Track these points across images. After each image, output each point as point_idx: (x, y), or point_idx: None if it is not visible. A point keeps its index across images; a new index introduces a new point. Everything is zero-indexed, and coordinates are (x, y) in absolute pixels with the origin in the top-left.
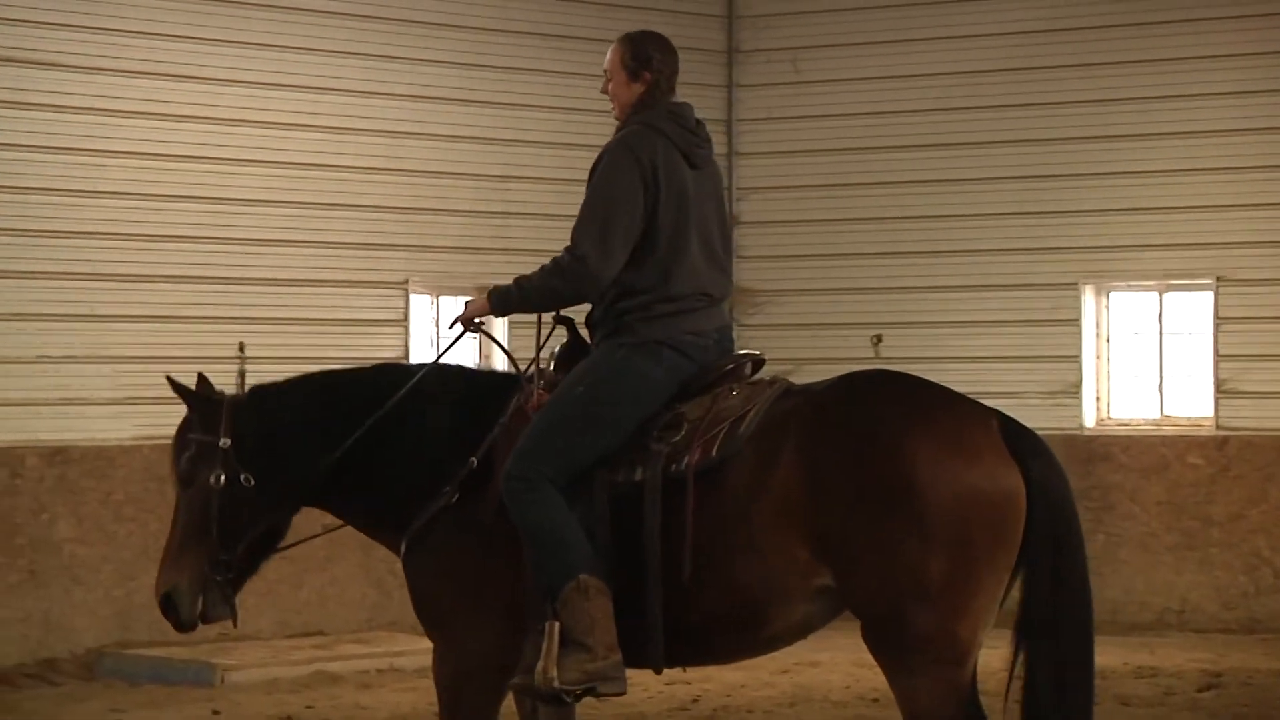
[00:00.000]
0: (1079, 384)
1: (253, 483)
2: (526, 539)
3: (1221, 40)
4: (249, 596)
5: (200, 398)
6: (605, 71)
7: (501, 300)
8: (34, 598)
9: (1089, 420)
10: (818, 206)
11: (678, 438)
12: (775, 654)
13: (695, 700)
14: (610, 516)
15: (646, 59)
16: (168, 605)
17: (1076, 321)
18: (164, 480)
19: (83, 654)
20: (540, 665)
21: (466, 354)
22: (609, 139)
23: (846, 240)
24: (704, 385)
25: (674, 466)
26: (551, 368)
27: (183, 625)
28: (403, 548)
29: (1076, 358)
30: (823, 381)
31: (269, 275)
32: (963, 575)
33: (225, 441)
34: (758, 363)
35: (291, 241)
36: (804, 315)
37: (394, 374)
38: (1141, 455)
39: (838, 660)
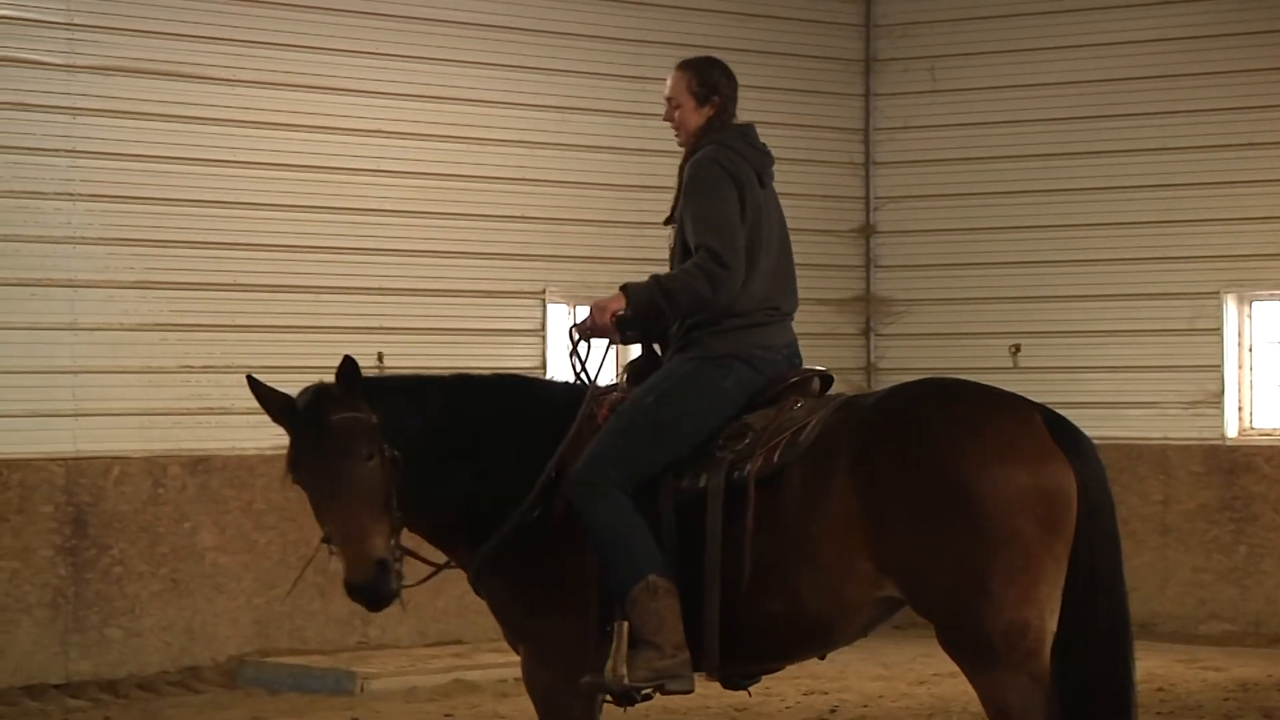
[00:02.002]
0: (1221, 393)
1: (401, 461)
2: (594, 541)
3: None
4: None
5: (347, 373)
6: (669, 99)
7: (643, 298)
8: (176, 606)
9: (1231, 430)
10: (955, 215)
11: (741, 445)
12: (913, 664)
13: (833, 710)
14: (675, 522)
15: (714, 84)
16: (381, 573)
17: (1218, 331)
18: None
19: (224, 662)
20: (610, 664)
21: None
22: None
23: (984, 249)
24: (770, 397)
25: (736, 473)
26: (625, 380)
27: (384, 599)
28: (476, 560)
29: (1218, 367)
30: (877, 392)
31: (406, 285)
32: (1022, 567)
33: (375, 419)
34: (826, 379)
35: (428, 251)
36: (942, 325)
37: (521, 385)
38: None
39: None
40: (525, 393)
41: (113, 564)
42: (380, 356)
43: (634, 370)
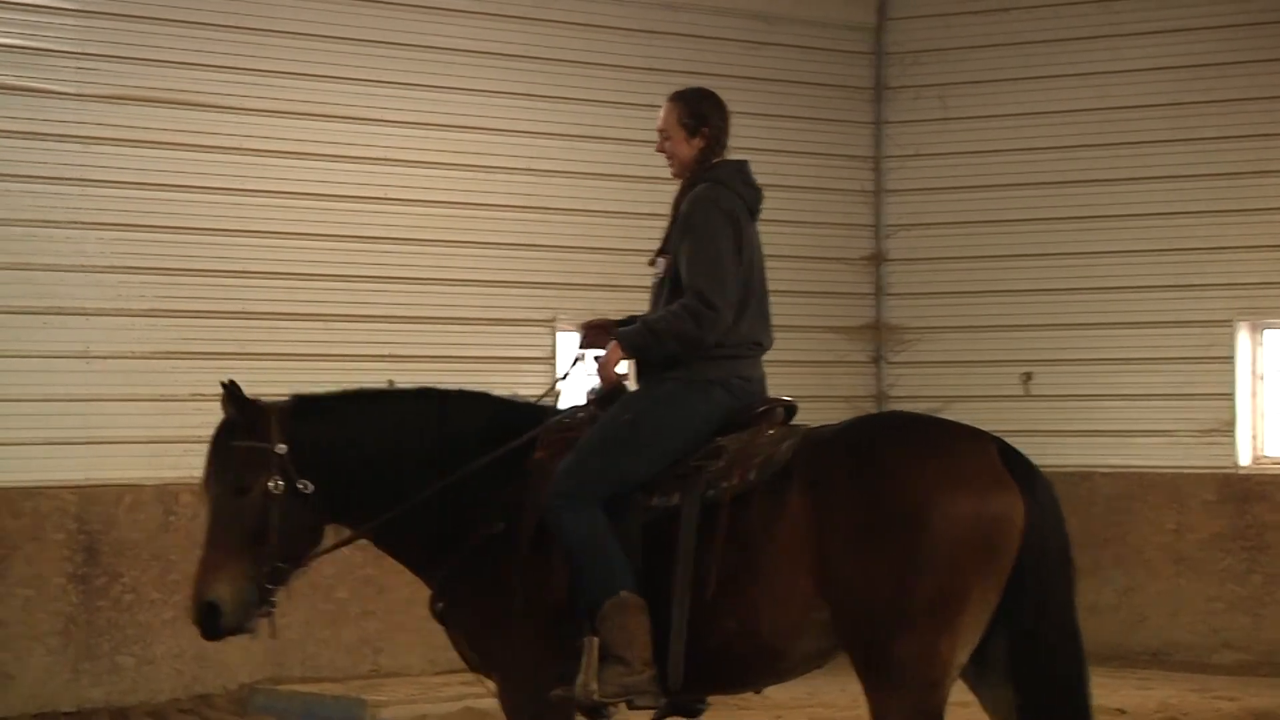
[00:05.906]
0: (1233, 422)
1: (310, 490)
2: (568, 555)
3: None
4: (400, 634)
5: (244, 402)
6: (660, 131)
7: (635, 345)
8: (188, 634)
9: (1244, 459)
10: (966, 243)
11: (716, 465)
12: None
13: None
14: (642, 539)
15: (703, 116)
16: (209, 613)
17: (1231, 359)
18: None
19: (236, 690)
20: (581, 679)
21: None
22: (680, 194)
23: (996, 277)
24: (742, 423)
25: (710, 492)
26: (589, 402)
27: (216, 634)
28: (440, 580)
29: (1231, 396)
30: (841, 422)
31: (416, 313)
32: (950, 595)
33: (281, 447)
34: (790, 408)
35: (439, 279)
36: (953, 353)
37: (457, 401)
38: None
39: None
40: (486, 409)
41: (124, 591)
42: (390, 384)
43: (600, 391)
